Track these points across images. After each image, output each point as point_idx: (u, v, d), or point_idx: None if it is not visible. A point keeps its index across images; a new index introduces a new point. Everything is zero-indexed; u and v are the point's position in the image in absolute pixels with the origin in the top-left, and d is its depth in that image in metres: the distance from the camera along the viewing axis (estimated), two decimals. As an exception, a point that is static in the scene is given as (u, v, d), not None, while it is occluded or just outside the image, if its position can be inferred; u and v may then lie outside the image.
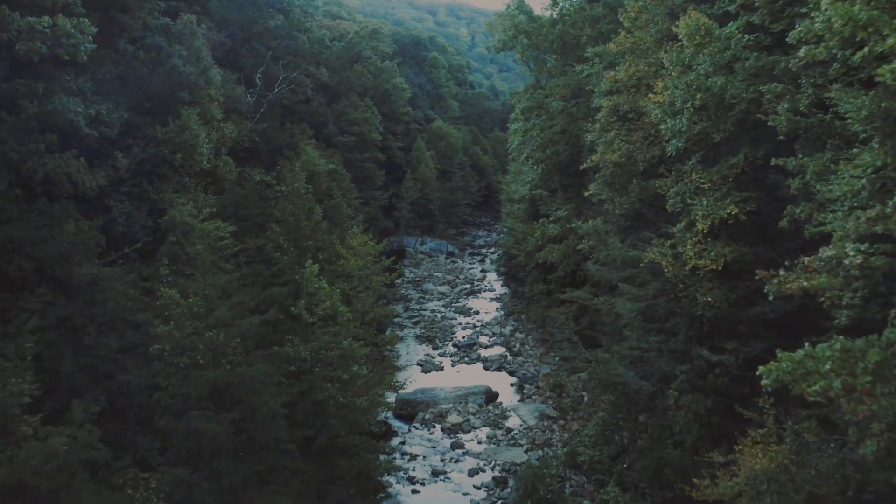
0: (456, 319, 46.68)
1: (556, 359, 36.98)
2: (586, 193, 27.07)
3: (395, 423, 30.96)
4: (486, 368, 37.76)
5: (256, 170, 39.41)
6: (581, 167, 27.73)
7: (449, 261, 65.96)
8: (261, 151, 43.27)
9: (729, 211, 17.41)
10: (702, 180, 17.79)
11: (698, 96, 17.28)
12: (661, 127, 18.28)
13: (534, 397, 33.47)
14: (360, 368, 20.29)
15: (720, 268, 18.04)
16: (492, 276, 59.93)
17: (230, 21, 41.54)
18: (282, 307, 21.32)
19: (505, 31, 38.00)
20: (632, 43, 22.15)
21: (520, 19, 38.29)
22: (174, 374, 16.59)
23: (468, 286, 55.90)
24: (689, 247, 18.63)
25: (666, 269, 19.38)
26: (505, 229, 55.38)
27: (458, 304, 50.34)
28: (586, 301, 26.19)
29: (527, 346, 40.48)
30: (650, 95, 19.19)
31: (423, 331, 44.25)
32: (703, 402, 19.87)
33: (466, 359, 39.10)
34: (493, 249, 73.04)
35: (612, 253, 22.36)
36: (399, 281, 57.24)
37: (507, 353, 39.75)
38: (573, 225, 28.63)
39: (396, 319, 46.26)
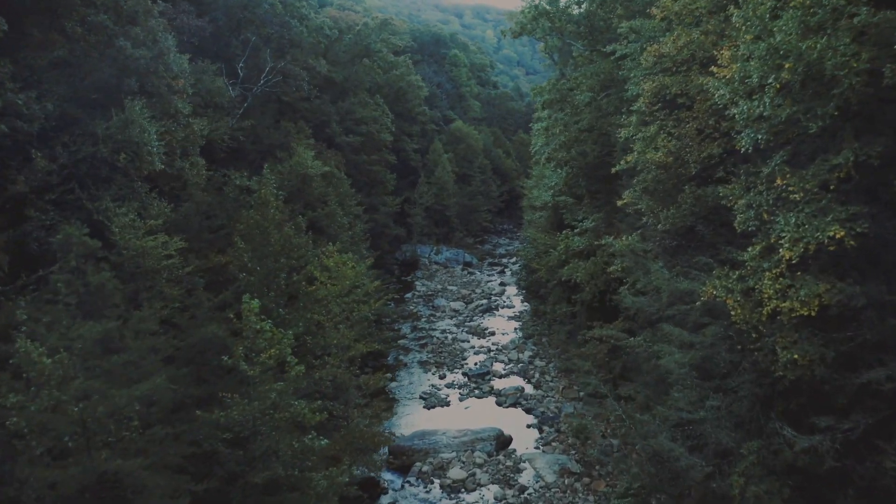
0: (468, 342, 41.41)
1: (581, 393, 31.57)
2: (619, 202, 21.72)
3: (387, 477, 25.81)
4: (499, 404, 32.42)
5: (238, 173, 34.86)
6: (613, 170, 22.37)
7: (465, 272, 60.69)
8: (248, 152, 38.58)
9: (830, 233, 12.00)
10: (791, 188, 12.35)
11: (786, 66, 11.89)
12: (733, 112, 12.90)
13: (553, 444, 28.06)
14: (313, 439, 15.14)
15: (813, 313, 12.62)
16: (512, 289, 54.55)
17: (212, 4, 36.90)
18: (220, 353, 16.37)
19: (524, 13, 32.68)
20: (682, 6, 16.75)
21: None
22: (32, 464, 11.66)
23: (485, 302, 50.58)
24: (766, 282, 13.22)
25: (732, 311, 13.99)
26: (526, 239, 49.97)
27: (472, 323, 45.06)
28: (619, 340, 20.75)
29: (547, 377, 35.05)
30: (714, 68, 13.79)
31: (430, 355, 39.06)
32: (780, 493, 14.47)
33: (477, 391, 33.81)
34: (514, 259, 67.67)
35: (655, 282, 16.95)
36: (409, 295, 52.22)
37: (524, 385, 34.39)
38: (603, 241, 23.25)
39: (402, 342, 41.19)
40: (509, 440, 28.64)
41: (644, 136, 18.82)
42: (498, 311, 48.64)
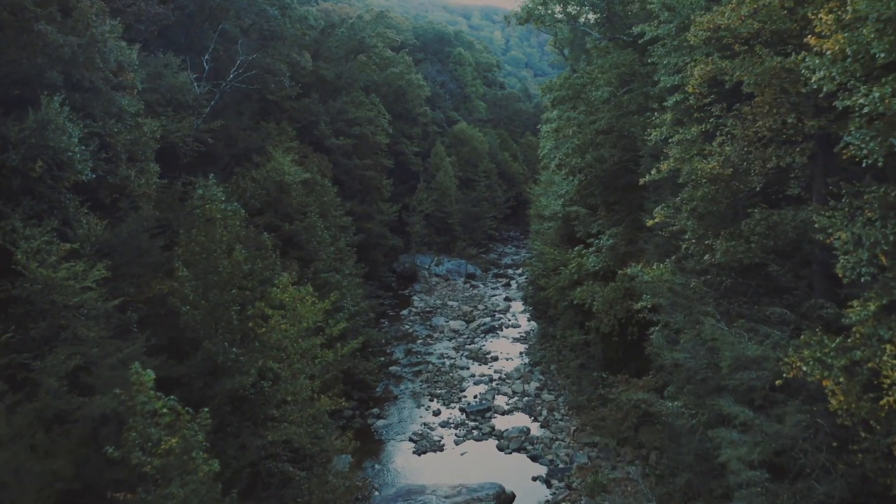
0: (468, 369, 36.96)
1: (597, 439, 27.10)
2: (649, 223, 17.25)
3: (363, 549, 21.46)
4: (500, 449, 27.97)
5: (204, 180, 30.76)
6: (641, 181, 17.92)
7: (468, 285, 56.22)
8: (220, 156, 34.34)
9: None
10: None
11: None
12: (844, 102, 8.49)
13: (564, 504, 23.63)
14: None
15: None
16: (518, 304, 50.11)
17: (177, -11, 32.68)
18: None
19: (532, -4, 28.24)
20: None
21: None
22: None
23: (488, 320, 46.11)
24: (887, 358, 8.80)
25: (831, 397, 9.57)
26: (533, 250, 45.48)
27: (472, 346, 40.60)
28: (652, 405, 16.18)
29: (556, 415, 30.55)
30: (810, 39, 9.34)
31: (424, 386, 34.64)
32: None
33: (476, 432, 29.38)
34: (520, 271, 63.17)
35: (709, 336, 12.47)
36: (406, 312, 47.83)
37: (530, 425, 29.92)
38: (627, 271, 18.73)
39: (393, 369, 36.82)
40: (511, 498, 24.21)
41: (683, 139, 14.40)
42: (502, 330, 44.15)
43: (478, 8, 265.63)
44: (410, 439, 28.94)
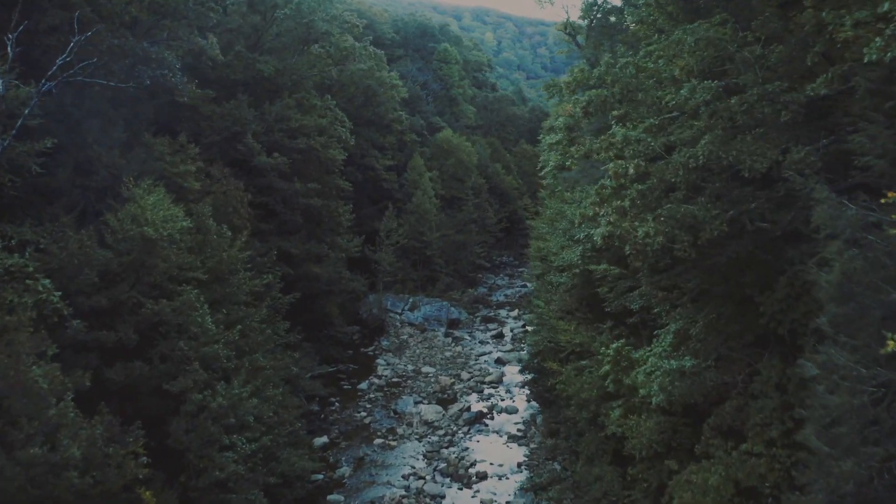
0: (443, 498, 25.16)
1: None
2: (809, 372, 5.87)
3: None
4: None
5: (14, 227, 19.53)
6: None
7: (450, 339, 44.34)
8: (64, 192, 22.50)
9: None
10: None
11: None
12: None
13: None
14: None
15: None
16: (512, 369, 38.46)
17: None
18: None
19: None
20: None
21: None
22: None
23: (474, 399, 34.37)
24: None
25: None
26: (533, 313, 33.58)
27: (451, 451, 28.76)
28: None
29: None
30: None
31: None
32: None
33: None
34: (514, 313, 51.41)
35: None
36: (365, 385, 36.00)
37: None
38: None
39: (333, 499, 24.93)
40: None
41: None
42: (493, 419, 32.33)
43: (469, 9, 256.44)
44: None
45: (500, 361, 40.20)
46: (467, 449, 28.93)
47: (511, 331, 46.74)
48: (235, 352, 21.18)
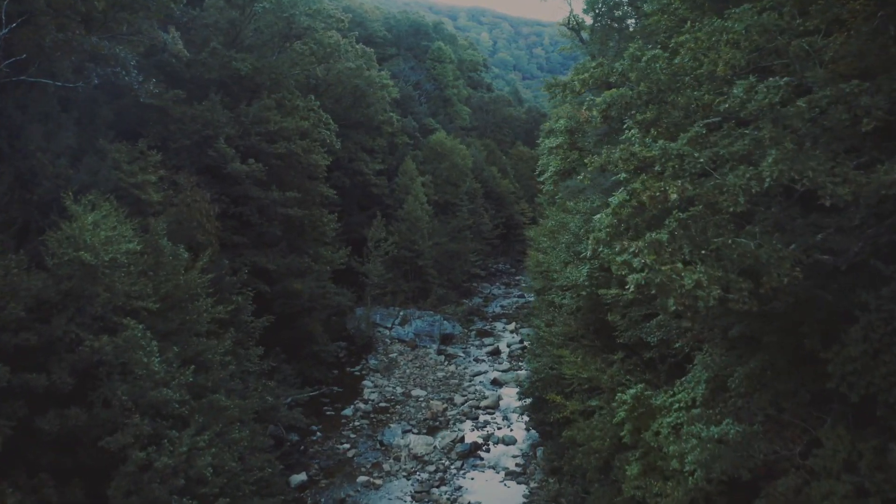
0: (432, 551, 22.40)
1: None
2: None
3: None
4: None
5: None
6: None
7: (442, 357, 41.51)
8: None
9: None
10: None
11: None
12: None
13: None
14: None
15: None
16: (509, 392, 35.68)
17: None
18: None
19: None
20: None
21: None
22: None
23: (468, 428, 31.58)
24: None
25: None
26: (531, 327, 30.83)
27: (444, 491, 25.94)
28: None
29: None
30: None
31: None
32: None
33: None
34: (512, 326, 48.67)
35: None
36: (349, 411, 33.16)
37: None
38: None
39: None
40: None
41: None
42: (489, 450, 29.52)
43: (465, 9, 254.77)
44: None
45: (496, 383, 37.39)
46: (460, 488, 26.11)
47: (508, 346, 43.97)
48: (192, 393, 18.32)
